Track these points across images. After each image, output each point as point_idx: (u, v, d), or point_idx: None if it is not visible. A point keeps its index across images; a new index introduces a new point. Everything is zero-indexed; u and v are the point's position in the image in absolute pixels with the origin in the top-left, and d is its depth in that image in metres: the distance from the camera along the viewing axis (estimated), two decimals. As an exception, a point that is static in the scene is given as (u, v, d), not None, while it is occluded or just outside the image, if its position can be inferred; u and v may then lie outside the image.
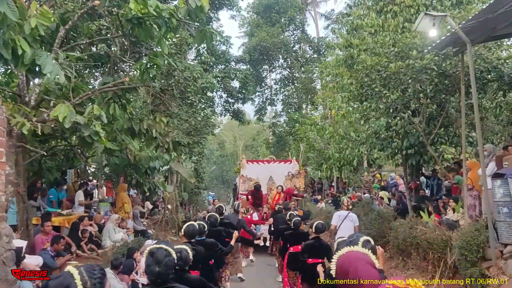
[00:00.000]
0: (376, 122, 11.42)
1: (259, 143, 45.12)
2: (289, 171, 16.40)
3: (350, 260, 2.11)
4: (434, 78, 8.57)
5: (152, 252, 2.98)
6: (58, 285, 1.97)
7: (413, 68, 8.33)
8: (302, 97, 28.29)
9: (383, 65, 8.87)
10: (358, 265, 2.06)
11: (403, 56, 8.62)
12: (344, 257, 2.15)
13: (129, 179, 12.56)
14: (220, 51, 22.37)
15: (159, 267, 2.86)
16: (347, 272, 2.06)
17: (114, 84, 7.38)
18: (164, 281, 2.88)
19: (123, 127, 8.76)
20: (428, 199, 11.95)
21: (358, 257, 2.14)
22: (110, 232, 9.83)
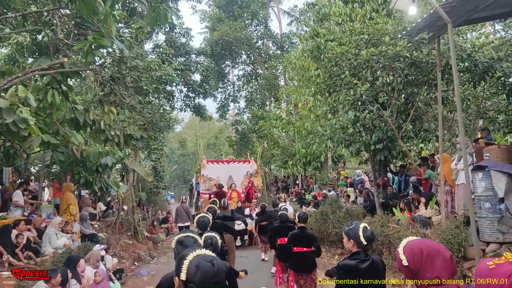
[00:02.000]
0: (344, 116, 10.90)
1: (222, 142, 44.28)
2: (248, 171, 17.13)
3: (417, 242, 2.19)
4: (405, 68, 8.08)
5: (180, 240, 3.19)
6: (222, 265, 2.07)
7: (386, 56, 7.81)
8: (266, 94, 27.68)
9: (353, 53, 8.31)
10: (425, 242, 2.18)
11: (375, 43, 8.08)
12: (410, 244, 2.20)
13: (76, 177, 11.39)
14: (180, 43, 21.29)
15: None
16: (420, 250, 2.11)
17: (51, 65, 6.34)
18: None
19: (65, 118, 7.71)
20: (396, 196, 11.58)
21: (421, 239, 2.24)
22: (51, 238, 8.71)
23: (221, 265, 2.10)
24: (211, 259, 2.09)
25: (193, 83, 21.80)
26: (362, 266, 3.40)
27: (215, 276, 2.03)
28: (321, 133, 11.35)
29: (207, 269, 2.03)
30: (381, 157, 11.20)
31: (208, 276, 2.02)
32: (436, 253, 2.11)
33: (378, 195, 12.05)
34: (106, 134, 7.96)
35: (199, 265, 2.04)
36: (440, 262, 2.08)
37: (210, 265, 2.05)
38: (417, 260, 2.13)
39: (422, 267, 2.11)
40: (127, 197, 15.99)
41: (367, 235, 3.44)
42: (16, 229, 8.28)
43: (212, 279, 2.02)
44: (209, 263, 2.06)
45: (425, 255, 2.11)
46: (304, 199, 17.85)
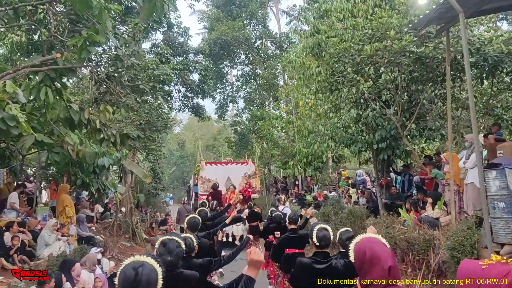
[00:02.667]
0: (346, 115, 10.65)
1: (221, 143, 44.05)
2: (246, 172, 17.27)
3: (365, 242, 2.24)
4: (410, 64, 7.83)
5: (164, 242, 3.26)
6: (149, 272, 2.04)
7: (391, 51, 7.55)
8: (265, 94, 27.41)
9: (356, 49, 8.05)
10: (373, 245, 2.20)
11: (379, 38, 7.83)
12: (360, 242, 2.28)
13: (73, 179, 11.09)
14: (178, 42, 21.01)
15: (171, 257, 3.16)
16: (364, 252, 2.16)
17: (43, 61, 6.07)
18: (173, 268, 3.16)
19: (59, 117, 7.45)
20: (400, 196, 11.33)
21: (373, 240, 2.27)
22: (46, 241, 8.42)
23: (149, 275, 2.04)
24: (138, 266, 2.05)
25: (192, 83, 21.52)
26: (317, 266, 3.42)
27: (135, 285, 1.99)
28: (322, 132, 11.07)
29: (128, 277, 2.00)
30: (384, 156, 10.95)
31: (127, 284, 1.99)
32: (376, 261, 2.14)
33: (381, 196, 11.80)
34: (101, 134, 7.70)
35: (124, 271, 2.04)
36: (377, 271, 2.10)
37: (133, 273, 2.01)
38: (359, 260, 2.21)
39: (363, 268, 2.19)
40: (125, 199, 15.73)
41: (319, 236, 3.46)
42: (9, 231, 8.01)
43: (133, 287, 2.00)
44: (134, 270, 2.02)
45: (367, 259, 2.17)
46: (305, 200, 17.60)
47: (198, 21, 31.15)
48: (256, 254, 2.55)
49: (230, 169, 18.19)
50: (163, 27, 20.69)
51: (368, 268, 2.17)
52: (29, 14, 8.59)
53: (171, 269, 3.12)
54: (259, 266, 2.59)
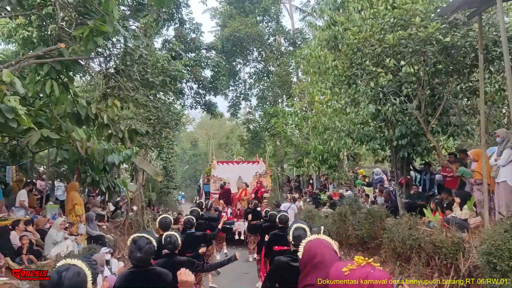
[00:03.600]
0: (364, 110, 10.17)
1: (233, 141, 43.80)
2: (257, 171, 17.72)
3: (318, 245, 2.32)
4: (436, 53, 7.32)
5: (135, 240, 3.25)
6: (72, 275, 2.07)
7: (416, 39, 7.06)
8: (278, 92, 26.97)
9: (378, 38, 7.58)
10: (325, 251, 2.29)
11: (403, 25, 7.34)
12: (313, 243, 2.36)
13: (83, 176, 10.86)
14: (190, 38, 20.70)
15: (141, 253, 3.17)
16: (314, 255, 2.27)
17: (47, 52, 5.76)
18: (144, 265, 3.22)
19: (66, 112, 7.15)
20: (421, 196, 10.80)
21: (325, 244, 2.35)
22: (53, 240, 8.16)
23: (72, 278, 2.08)
24: (63, 269, 2.11)
25: (204, 79, 21.19)
26: (294, 264, 3.32)
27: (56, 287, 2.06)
28: (339, 128, 10.61)
29: (51, 281, 2.08)
30: (404, 153, 10.43)
31: (50, 286, 2.08)
32: (322, 266, 2.16)
33: (400, 195, 11.28)
34: (109, 129, 7.39)
35: (50, 275, 2.12)
36: (322, 275, 2.12)
37: (56, 277, 2.08)
38: (308, 262, 2.25)
39: (308, 269, 2.22)
40: (136, 197, 15.50)
41: (294, 235, 3.48)
42: (16, 230, 7.76)
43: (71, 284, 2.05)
44: (57, 274, 2.09)
45: (314, 262, 2.20)
46: (319, 200, 17.14)
47: (211, 18, 30.85)
48: (186, 275, 2.65)
49: (241, 168, 18.51)
50: (175, 23, 20.43)
51: (311, 271, 2.21)
52: (37, 7, 8.34)
53: (142, 265, 3.22)
54: (189, 286, 2.64)
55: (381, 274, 1.94)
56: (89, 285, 2.14)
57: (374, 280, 1.88)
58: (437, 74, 9.08)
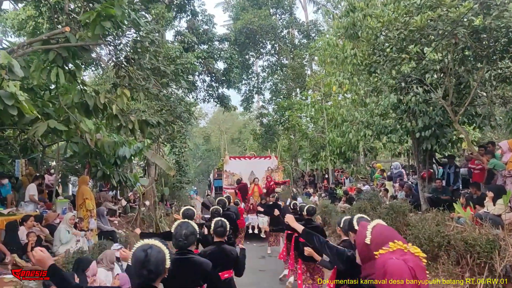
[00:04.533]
0: (385, 100, 9.67)
1: (246, 136, 43.45)
2: (269, 166, 17.60)
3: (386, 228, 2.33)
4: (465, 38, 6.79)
5: (177, 227, 3.43)
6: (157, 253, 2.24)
7: (446, 20, 6.53)
8: (291, 84, 26.45)
9: (403, 21, 7.06)
10: (394, 233, 2.27)
11: (432, 6, 6.81)
12: (380, 227, 2.35)
13: (93, 170, 10.58)
14: (202, 30, 20.28)
15: (183, 240, 3.33)
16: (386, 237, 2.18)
17: (51, 36, 5.42)
18: (186, 252, 3.36)
19: (73, 102, 6.83)
20: (445, 190, 10.28)
21: (391, 230, 2.35)
22: (62, 235, 7.87)
23: (157, 255, 2.22)
24: (147, 248, 2.23)
25: (216, 71, 20.77)
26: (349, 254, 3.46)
27: (145, 264, 2.17)
28: (358, 119, 10.12)
29: (138, 257, 2.19)
30: (427, 146, 9.92)
31: (138, 264, 2.18)
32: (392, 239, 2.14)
33: (422, 189, 10.78)
34: (119, 120, 7.04)
35: (135, 252, 2.23)
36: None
37: (143, 254, 2.19)
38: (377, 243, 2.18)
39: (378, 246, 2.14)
40: (148, 192, 15.23)
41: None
42: (24, 225, 7.49)
43: (143, 267, 2.17)
44: (143, 252, 2.20)
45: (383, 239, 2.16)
46: (335, 194, 16.70)
47: (223, 11, 30.39)
48: (37, 254, 2.60)
49: (253, 163, 18.53)
50: (187, 16, 20.05)
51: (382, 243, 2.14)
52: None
53: (183, 252, 3.35)
54: (42, 264, 2.57)
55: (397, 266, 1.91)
56: (167, 263, 2.29)
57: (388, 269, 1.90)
58: (465, 60, 8.55)
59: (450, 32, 6.53)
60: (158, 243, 2.30)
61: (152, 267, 2.19)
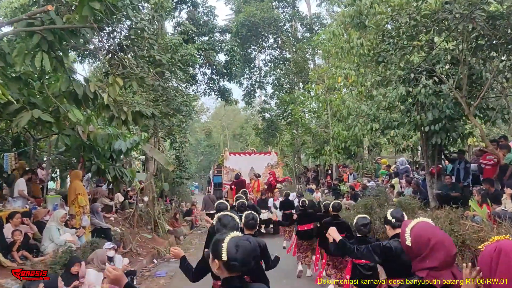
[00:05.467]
0: (393, 92, 9.19)
1: (248, 132, 43.04)
2: (269, 162, 17.95)
3: (426, 228, 2.32)
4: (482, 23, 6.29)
5: (219, 218, 3.57)
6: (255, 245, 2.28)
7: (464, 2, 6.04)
8: (294, 79, 25.93)
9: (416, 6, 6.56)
10: (435, 231, 2.30)
11: (447, -13, 6.32)
12: (420, 226, 2.33)
13: (88, 165, 10.15)
14: (203, 21, 19.75)
15: (226, 230, 3.23)
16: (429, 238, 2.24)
17: (31, 15, 4.96)
18: None
19: (61, 91, 6.37)
20: (455, 187, 9.80)
21: (431, 225, 2.38)
22: (52, 233, 7.44)
23: (255, 241, 2.30)
24: (246, 238, 2.31)
25: (217, 64, 20.25)
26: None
27: (253, 252, 2.24)
28: (365, 112, 9.65)
29: (246, 247, 2.21)
30: (436, 140, 9.43)
31: (248, 253, 2.21)
32: (441, 246, 2.20)
33: (431, 186, 10.30)
34: (110, 111, 6.59)
35: (239, 244, 2.21)
36: (442, 256, 2.19)
37: (247, 243, 2.24)
38: (422, 247, 2.25)
39: (424, 254, 2.23)
40: (147, 187, 14.78)
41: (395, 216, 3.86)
42: (10, 223, 7.07)
43: (251, 255, 2.23)
44: (246, 241, 2.25)
45: (431, 245, 2.22)
46: (339, 191, 16.23)
47: (225, 3, 29.80)
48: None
49: (253, 159, 18.72)
50: (187, 7, 19.53)
51: (432, 255, 2.20)
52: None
53: None
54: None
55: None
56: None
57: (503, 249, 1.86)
58: (478, 50, 8.05)
59: (467, 15, 6.03)
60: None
61: (256, 254, 2.26)
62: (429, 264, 2.21)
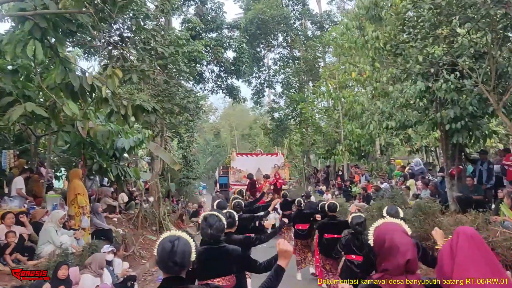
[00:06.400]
0: (411, 88, 8.63)
1: (256, 132, 42.60)
2: (275, 163, 18.00)
3: (386, 230, 2.30)
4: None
5: (205, 217, 3.58)
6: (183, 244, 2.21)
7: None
8: (304, 78, 25.38)
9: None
10: (394, 235, 2.24)
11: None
12: (380, 228, 2.36)
13: (89, 163, 9.73)
14: (211, 17, 19.27)
15: (211, 230, 3.47)
16: (383, 240, 2.24)
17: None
18: (215, 241, 3.51)
19: (56, 83, 5.94)
20: (478, 189, 9.20)
21: (394, 228, 2.32)
22: (50, 235, 6.99)
23: (183, 245, 2.20)
24: (174, 239, 2.22)
25: (226, 61, 19.79)
26: None
27: (172, 256, 2.16)
28: (381, 109, 9.10)
29: (165, 248, 2.18)
30: (458, 139, 8.86)
31: (165, 255, 2.18)
32: (395, 250, 2.16)
33: (451, 188, 9.71)
34: (109, 105, 6.14)
35: (161, 243, 2.22)
36: (395, 260, 2.14)
37: (170, 245, 2.18)
38: (378, 247, 2.29)
39: (380, 255, 2.25)
40: (152, 187, 14.36)
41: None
42: (3, 223, 6.65)
43: (169, 258, 2.17)
44: (170, 243, 2.19)
45: (385, 247, 2.21)
46: (350, 192, 15.67)
47: (234, 1, 29.33)
48: (285, 245, 2.63)
49: (260, 160, 18.82)
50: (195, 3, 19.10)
51: (385, 256, 2.20)
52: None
53: (213, 242, 3.48)
54: (288, 256, 2.62)
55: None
56: (193, 256, 2.26)
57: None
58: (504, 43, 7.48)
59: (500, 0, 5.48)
60: (185, 235, 2.28)
61: (178, 259, 2.16)
62: (384, 266, 2.21)
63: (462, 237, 2.04)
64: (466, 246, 2.01)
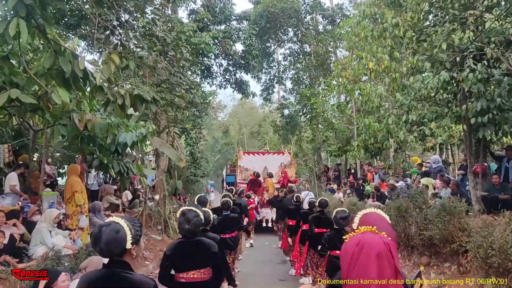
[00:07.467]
0: (434, 79, 7.96)
1: (266, 130, 41.99)
2: (282, 162, 18.14)
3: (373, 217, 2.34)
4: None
5: (184, 212, 3.64)
6: (110, 231, 2.19)
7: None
8: (314, 73, 24.67)
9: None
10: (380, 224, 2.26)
11: None
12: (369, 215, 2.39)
13: (89, 159, 9.22)
14: (219, 8, 18.66)
15: (189, 225, 3.56)
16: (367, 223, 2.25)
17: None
18: (192, 236, 3.62)
19: (45, 69, 5.40)
20: (504, 188, 8.51)
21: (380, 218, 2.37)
22: (43, 236, 6.49)
23: (109, 233, 2.18)
24: (104, 225, 2.24)
25: (234, 54, 19.17)
26: None
27: (97, 241, 2.18)
28: (400, 102, 8.45)
29: (93, 233, 2.23)
30: (484, 134, 8.16)
31: (93, 239, 2.22)
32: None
33: (475, 186, 9.02)
34: (104, 93, 5.59)
35: (92, 230, 2.29)
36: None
37: (97, 230, 2.22)
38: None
39: None
40: (158, 185, 13.85)
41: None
42: (-7, 223, 6.16)
43: (95, 243, 2.20)
44: (98, 227, 2.24)
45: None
46: (363, 191, 15.02)
47: (243, -5, 28.63)
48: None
49: (267, 159, 18.94)
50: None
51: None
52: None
53: (190, 236, 3.61)
54: None
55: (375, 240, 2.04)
56: (128, 245, 2.19)
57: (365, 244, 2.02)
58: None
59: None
60: (124, 222, 2.24)
61: (102, 246, 2.15)
62: None
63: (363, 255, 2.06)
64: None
